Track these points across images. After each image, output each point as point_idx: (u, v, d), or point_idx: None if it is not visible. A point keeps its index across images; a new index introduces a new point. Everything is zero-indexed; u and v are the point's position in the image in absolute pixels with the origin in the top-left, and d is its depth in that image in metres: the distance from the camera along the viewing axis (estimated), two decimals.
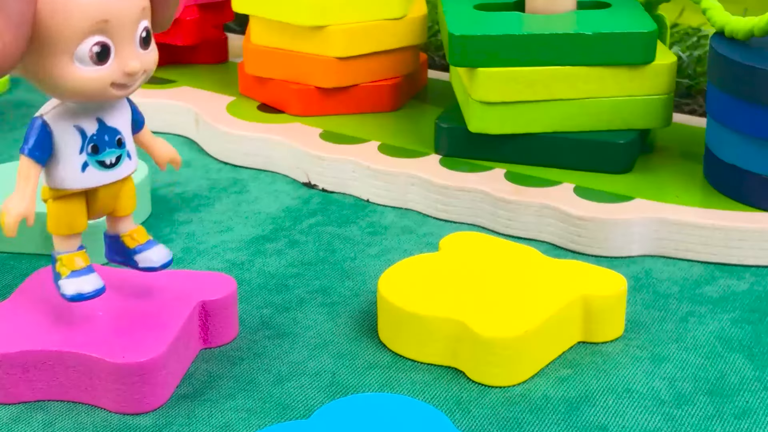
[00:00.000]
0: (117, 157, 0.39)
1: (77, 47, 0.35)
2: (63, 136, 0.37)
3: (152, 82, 0.64)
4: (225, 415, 0.39)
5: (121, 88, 0.37)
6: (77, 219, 0.39)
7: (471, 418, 0.38)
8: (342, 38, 0.58)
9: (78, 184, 0.38)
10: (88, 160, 0.38)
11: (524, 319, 0.40)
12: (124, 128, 0.39)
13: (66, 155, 0.38)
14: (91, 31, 0.35)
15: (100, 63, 0.36)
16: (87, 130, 0.38)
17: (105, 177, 0.38)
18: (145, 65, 0.37)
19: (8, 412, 0.39)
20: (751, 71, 0.48)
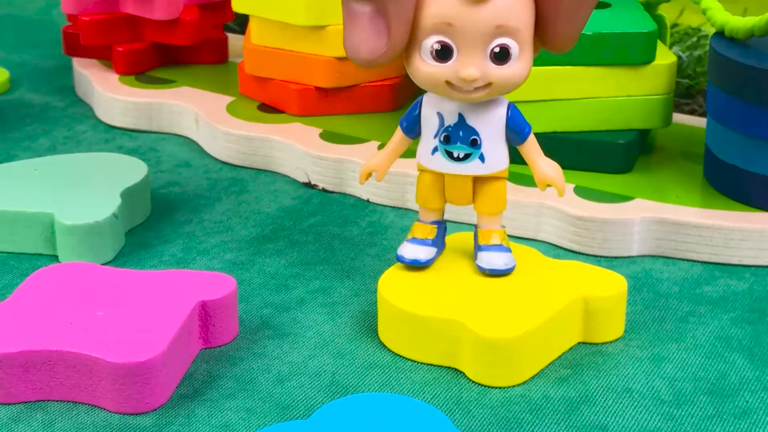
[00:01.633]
0: (466, 154, 0.41)
1: (423, 42, 0.39)
2: (427, 117, 0.41)
3: (152, 82, 0.64)
4: (225, 415, 0.39)
5: (457, 90, 0.39)
6: (430, 195, 0.43)
7: (471, 418, 0.38)
8: (341, 38, 0.58)
9: (424, 163, 0.42)
10: (438, 146, 0.41)
11: (524, 319, 0.40)
12: (485, 132, 0.41)
13: (425, 135, 0.42)
14: (435, 30, 0.38)
15: (441, 61, 0.39)
16: (446, 120, 0.41)
17: (450, 167, 0.41)
18: (491, 78, 0.39)
19: (8, 412, 0.39)
20: (752, 71, 0.48)
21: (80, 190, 0.50)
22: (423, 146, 0.42)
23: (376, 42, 0.38)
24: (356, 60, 0.38)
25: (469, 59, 0.38)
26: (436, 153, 0.41)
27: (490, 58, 0.39)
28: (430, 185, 0.42)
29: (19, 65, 0.72)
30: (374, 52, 0.38)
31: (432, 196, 0.43)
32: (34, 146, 0.60)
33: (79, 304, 0.41)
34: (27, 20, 0.82)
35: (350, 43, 0.38)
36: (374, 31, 0.38)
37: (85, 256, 0.47)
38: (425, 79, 0.39)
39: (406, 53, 0.39)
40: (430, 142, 0.41)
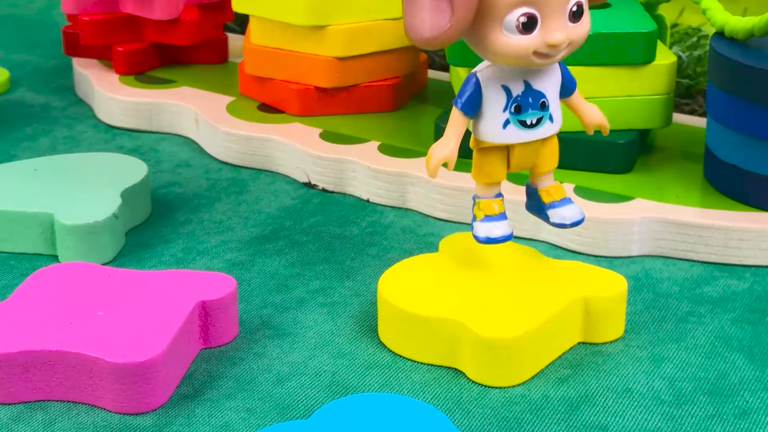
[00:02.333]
0: (538, 119, 0.41)
1: (506, 16, 0.38)
2: (490, 94, 0.40)
3: (152, 82, 0.64)
4: (225, 415, 0.39)
5: (543, 57, 0.39)
6: (496, 170, 0.42)
7: (471, 418, 0.38)
8: (342, 38, 0.58)
9: (497, 139, 0.41)
10: (510, 119, 0.40)
11: (524, 319, 0.40)
12: (550, 92, 0.41)
13: (491, 111, 0.40)
14: (520, 2, 0.38)
15: (526, 32, 0.38)
16: (513, 91, 0.40)
17: (524, 135, 0.41)
18: (572, 37, 0.39)
19: (8, 412, 0.39)
20: (751, 71, 0.48)
21: (80, 190, 0.50)
22: (488, 123, 0.41)
23: (438, 19, 0.37)
24: (418, 40, 0.38)
25: (554, 24, 0.38)
26: (508, 126, 0.41)
27: (569, 19, 0.39)
28: (497, 160, 0.42)
29: (19, 65, 0.72)
30: (437, 29, 0.37)
31: (499, 170, 0.42)
32: (34, 146, 0.60)
33: (79, 304, 0.41)
34: (27, 20, 0.82)
35: (410, 21, 0.38)
36: (436, 8, 0.37)
37: (85, 256, 0.47)
38: (511, 53, 0.38)
39: (479, 31, 0.38)
40: (499, 116, 0.40)
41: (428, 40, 0.38)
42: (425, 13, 0.37)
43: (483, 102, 0.40)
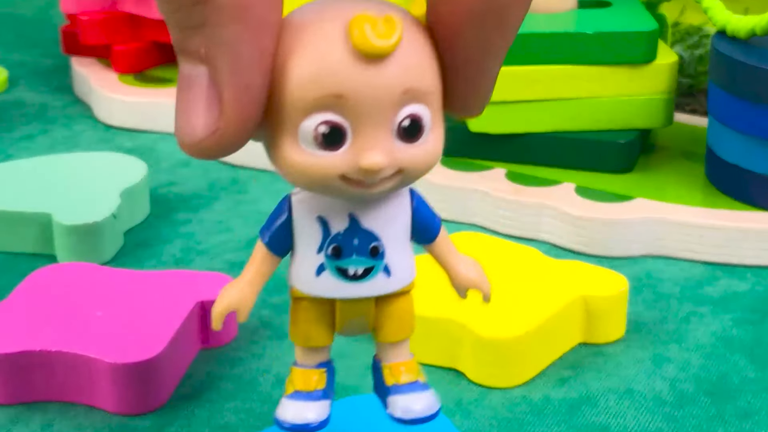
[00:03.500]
0: (366, 269, 0.30)
1: (302, 123, 0.27)
2: (303, 226, 0.29)
3: (151, 81, 0.64)
4: (224, 416, 0.38)
5: (357, 186, 0.27)
6: (315, 329, 0.31)
7: (471, 419, 0.38)
8: None
9: (311, 289, 0.30)
10: (325, 263, 0.29)
11: (525, 319, 0.40)
12: (387, 234, 0.30)
13: (302, 250, 0.30)
14: (319, 106, 0.27)
15: (330, 148, 0.27)
16: (332, 227, 0.29)
17: (344, 289, 0.30)
18: (401, 162, 0.27)
19: (6, 413, 0.38)
20: (753, 71, 0.48)
21: (79, 190, 0.50)
22: (300, 266, 0.30)
23: (205, 117, 0.27)
24: (182, 145, 0.27)
25: (370, 141, 0.27)
26: (323, 273, 0.30)
27: (397, 136, 0.27)
28: (314, 317, 0.31)
29: (17, 64, 0.72)
30: (202, 130, 0.27)
31: (318, 332, 0.31)
32: (33, 146, 0.60)
33: (77, 305, 0.41)
34: (25, 19, 0.82)
35: (178, 121, 0.27)
36: (205, 102, 0.26)
37: (84, 257, 0.47)
38: (309, 175, 0.27)
39: (271, 139, 0.28)
40: (312, 258, 0.29)
41: (191, 146, 0.27)
42: (194, 109, 0.27)
43: (294, 237, 0.30)
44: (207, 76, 0.26)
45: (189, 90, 0.26)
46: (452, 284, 0.32)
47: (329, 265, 0.29)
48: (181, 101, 0.27)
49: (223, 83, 0.26)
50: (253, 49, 0.26)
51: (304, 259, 0.30)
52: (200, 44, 0.26)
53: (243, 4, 0.25)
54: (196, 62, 0.26)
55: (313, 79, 0.26)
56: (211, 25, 0.25)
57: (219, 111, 0.26)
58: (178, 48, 0.26)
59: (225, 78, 0.26)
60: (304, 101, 0.26)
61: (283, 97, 0.27)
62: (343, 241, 0.29)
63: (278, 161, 0.28)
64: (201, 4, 0.25)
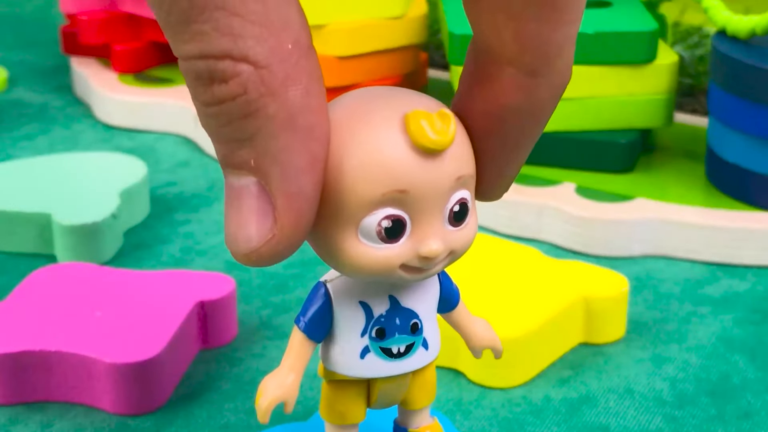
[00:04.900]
0: (408, 346, 0.30)
1: (363, 219, 0.27)
2: (344, 312, 0.30)
3: (151, 81, 0.64)
4: (224, 416, 0.38)
5: (414, 272, 0.28)
6: (352, 409, 0.31)
7: (472, 419, 0.38)
8: (342, 37, 0.58)
9: (355, 372, 0.30)
10: (369, 346, 0.30)
11: (525, 320, 0.40)
12: (423, 311, 0.31)
13: (344, 335, 0.30)
14: (383, 202, 0.27)
15: (391, 241, 0.28)
16: (374, 310, 0.30)
17: (388, 368, 0.30)
18: (452, 246, 0.28)
19: (6, 413, 0.38)
20: (754, 70, 0.48)
21: (78, 190, 0.50)
22: (342, 350, 0.30)
23: (258, 226, 0.26)
24: (236, 254, 0.27)
25: (427, 230, 0.28)
26: (367, 355, 0.30)
27: (447, 221, 0.28)
28: (351, 397, 0.31)
29: (17, 64, 0.72)
30: (257, 239, 0.26)
31: (355, 410, 0.31)
32: (32, 146, 0.60)
33: (77, 305, 0.41)
34: (25, 19, 0.82)
35: (228, 230, 0.27)
36: (257, 212, 0.26)
37: (83, 257, 0.47)
38: (370, 268, 0.28)
39: (327, 237, 0.28)
40: (356, 342, 0.30)
41: (246, 255, 0.27)
42: (245, 218, 0.26)
43: (334, 322, 0.30)
44: (257, 186, 0.26)
45: (239, 201, 0.26)
46: (469, 345, 0.33)
47: (373, 347, 0.30)
48: (232, 212, 0.27)
49: (275, 192, 0.26)
50: (304, 156, 0.26)
51: (346, 343, 0.30)
52: (249, 156, 0.25)
53: (292, 114, 0.25)
54: (244, 173, 0.26)
55: (376, 177, 0.27)
56: (260, 136, 0.25)
57: (273, 219, 0.26)
58: (225, 161, 0.26)
59: (277, 186, 0.26)
60: (368, 198, 0.27)
61: (342, 195, 0.27)
62: (386, 323, 0.30)
63: (335, 255, 0.28)
64: (251, 117, 0.25)
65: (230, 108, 0.25)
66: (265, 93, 0.25)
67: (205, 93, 0.25)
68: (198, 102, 0.25)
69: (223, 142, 0.26)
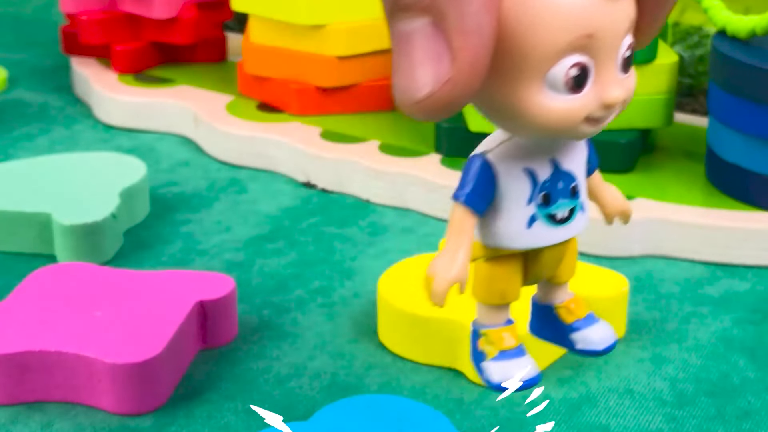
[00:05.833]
0: (570, 210, 0.29)
1: (550, 69, 0.26)
2: (509, 181, 0.29)
3: (151, 81, 0.64)
4: (224, 416, 0.38)
5: (593, 124, 0.27)
6: (512, 286, 0.30)
7: (472, 419, 0.38)
8: (342, 37, 0.58)
9: (522, 243, 0.29)
10: (536, 213, 0.29)
11: (525, 319, 0.40)
12: (579, 173, 0.30)
13: (510, 206, 0.29)
14: (571, 48, 0.26)
15: (576, 90, 0.27)
16: (539, 175, 0.29)
17: (554, 235, 0.29)
18: (626, 93, 0.28)
19: (6, 413, 0.38)
20: (754, 70, 0.48)
21: (78, 190, 0.50)
22: (508, 222, 0.29)
23: (433, 69, 0.25)
24: (409, 104, 0.26)
25: (608, 77, 0.27)
26: (534, 223, 0.29)
27: (620, 69, 0.28)
28: (513, 273, 0.30)
29: (17, 64, 0.72)
30: (432, 83, 0.25)
31: (514, 286, 0.31)
32: (32, 146, 0.60)
33: (77, 305, 0.41)
34: (25, 19, 0.82)
35: (398, 81, 0.26)
36: (430, 54, 0.25)
37: (84, 257, 0.47)
38: (555, 119, 0.27)
39: (505, 90, 0.27)
40: (522, 211, 0.29)
41: (420, 103, 0.26)
42: (418, 64, 0.25)
43: (498, 193, 0.29)
44: (431, 27, 0.25)
45: (409, 46, 0.25)
46: (603, 212, 0.33)
47: (540, 214, 0.29)
48: (402, 60, 0.26)
49: (452, 30, 0.25)
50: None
51: (512, 213, 0.29)
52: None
53: None
54: (415, 16, 0.25)
55: (566, 22, 0.26)
56: None
57: (450, 59, 0.25)
58: (395, 5, 0.25)
59: (454, 24, 0.25)
60: (557, 45, 0.26)
61: (525, 43, 0.26)
62: (551, 187, 0.29)
63: (518, 111, 0.27)
64: None
65: None
66: None
67: None
68: None
69: None
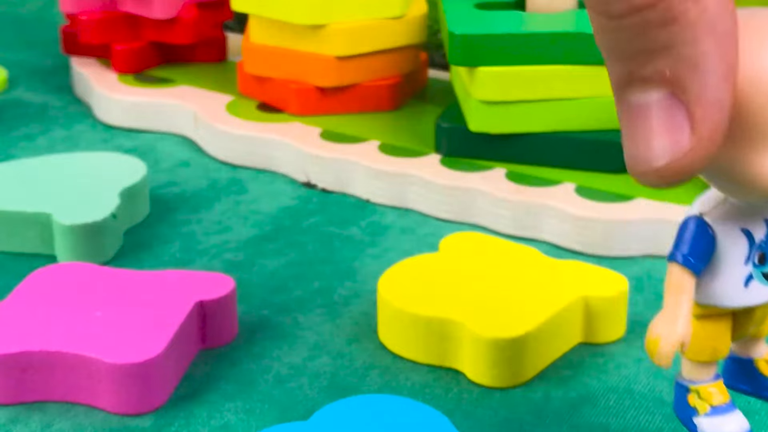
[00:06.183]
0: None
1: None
2: (727, 242, 0.30)
3: (151, 81, 0.64)
4: (224, 416, 0.38)
5: None
6: (723, 343, 0.31)
7: (471, 419, 0.38)
8: (342, 37, 0.58)
9: (739, 301, 0.30)
10: (753, 273, 0.30)
11: (525, 319, 0.40)
12: None
13: (728, 265, 0.30)
14: None
15: None
16: (755, 235, 0.30)
17: (766, 293, 0.31)
18: None
19: (6, 413, 0.38)
20: None
21: (78, 190, 0.50)
22: (726, 281, 0.30)
23: (672, 139, 0.26)
24: (645, 173, 0.26)
25: None
26: (751, 282, 0.30)
27: None
28: (724, 330, 0.31)
29: (17, 64, 0.72)
30: (671, 152, 0.26)
31: (725, 343, 0.31)
32: (32, 146, 0.60)
33: (77, 305, 0.41)
34: (25, 19, 0.82)
35: (632, 150, 0.26)
36: (670, 124, 0.26)
37: (84, 257, 0.47)
38: None
39: (731, 154, 0.27)
40: (739, 271, 0.30)
41: (658, 171, 0.26)
42: (655, 135, 0.26)
43: (716, 253, 0.30)
44: (669, 99, 0.26)
45: (646, 117, 0.26)
46: None
47: (756, 274, 0.30)
48: (637, 130, 0.26)
49: (693, 101, 0.25)
50: (724, 62, 0.25)
51: (730, 273, 0.30)
52: (664, 66, 0.25)
53: (713, 19, 0.25)
54: (653, 87, 0.26)
55: None
56: (679, 43, 0.25)
57: (689, 130, 0.26)
58: (630, 77, 0.26)
59: (696, 95, 0.25)
60: None
61: (755, 108, 0.26)
62: (766, 247, 0.30)
63: (745, 176, 0.27)
64: (670, 24, 0.25)
65: (649, 16, 0.24)
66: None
67: (621, 3, 0.24)
68: (606, 17, 0.25)
69: (631, 56, 0.25)
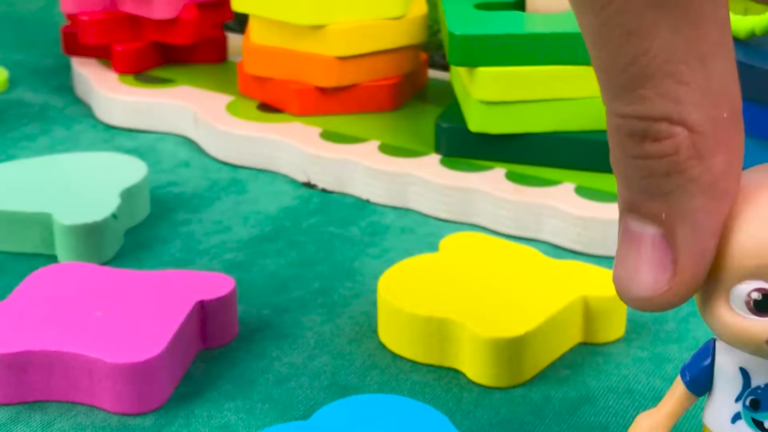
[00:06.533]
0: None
1: (734, 287, 0.28)
2: (723, 373, 0.30)
3: (151, 82, 0.64)
4: (224, 416, 0.38)
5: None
6: None
7: (471, 419, 0.38)
8: (342, 37, 0.58)
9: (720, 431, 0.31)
10: (741, 413, 0.30)
11: (525, 319, 0.40)
12: None
13: (719, 396, 0.31)
14: (754, 273, 0.27)
15: (760, 314, 0.28)
16: (753, 379, 0.30)
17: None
18: None
19: (6, 413, 0.38)
20: (753, 70, 0.48)
21: (79, 190, 0.50)
22: (716, 408, 0.31)
23: (656, 276, 0.27)
24: (625, 297, 0.28)
25: None
26: (738, 421, 0.30)
27: None
28: None
29: (17, 64, 0.72)
30: (652, 289, 0.27)
31: None
32: (33, 146, 0.60)
33: (77, 305, 0.41)
34: (26, 19, 0.82)
35: (620, 272, 0.28)
36: (655, 262, 0.27)
37: (84, 256, 0.47)
38: (738, 337, 0.28)
39: (705, 299, 0.29)
40: (729, 406, 0.30)
41: (638, 301, 0.28)
42: (642, 266, 0.27)
43: (714, 380, 0.31)
44: (660, 238, 0.27)
45: (637, 246, 0.27)
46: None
47: (745, 416, 0.30)
48: (628, 253, 0.28)
49: (681, 248, 0.27)
50: (714, 219, 0.27)
51: (721, 404, 0.31)
52: (660, 210, 0.26)
53: (714, 179, 0.26)
54: (649, 222, 0.27)
55: (760, 248, 0.27)
56: (678, 194, 0.26)
57: (672, 272, 0.27)
58: (630, 206, 0.27)
59: (685, 244, 0.27)
60: (744, 268, 0.27)
61: (722, 260, 0.27)
62: (762, 395, 0.30)
63: (709, 318, 0.29)
64: (674, 175, 0.26)
65: (656, 164, 0.26)
66: (694, 156, 0.26)
67: (634, 148, 0.26)
68: (621, 152, 0.26)
69: (635, 190, 0.27)
